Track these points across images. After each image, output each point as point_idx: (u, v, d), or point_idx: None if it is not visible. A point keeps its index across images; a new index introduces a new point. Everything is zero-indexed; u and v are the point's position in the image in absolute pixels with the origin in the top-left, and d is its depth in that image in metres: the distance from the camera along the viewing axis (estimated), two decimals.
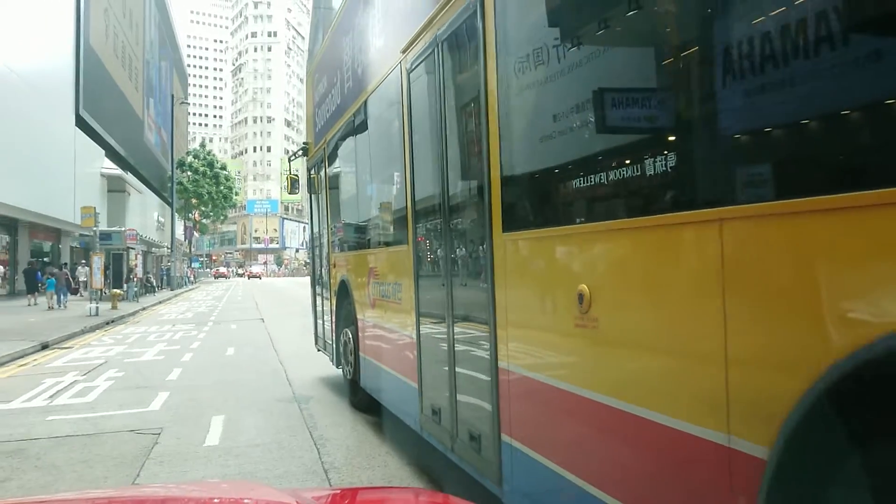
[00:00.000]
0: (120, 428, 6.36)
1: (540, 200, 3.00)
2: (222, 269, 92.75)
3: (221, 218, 71.68)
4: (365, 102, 5.86)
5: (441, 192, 3.96)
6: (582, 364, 2.60)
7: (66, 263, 34.53)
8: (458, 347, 3.78)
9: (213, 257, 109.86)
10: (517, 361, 3.06)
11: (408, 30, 4.42)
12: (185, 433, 6.09)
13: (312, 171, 8.70)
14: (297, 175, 9.81)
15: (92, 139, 33.79)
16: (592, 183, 2.50)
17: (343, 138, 6.86)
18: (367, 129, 5.98)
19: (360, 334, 6.46)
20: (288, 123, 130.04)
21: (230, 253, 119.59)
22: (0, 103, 22.04)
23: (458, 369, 3.79)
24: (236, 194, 70.39)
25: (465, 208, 3.76)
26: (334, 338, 7.68)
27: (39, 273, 25.11)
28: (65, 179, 29.28)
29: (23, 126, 24.04)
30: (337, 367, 7.65)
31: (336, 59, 7.08)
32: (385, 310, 5.47)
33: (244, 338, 14.58)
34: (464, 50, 3.62)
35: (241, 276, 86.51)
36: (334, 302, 7.58)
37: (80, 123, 31.68)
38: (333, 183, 7.71)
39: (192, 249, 70.41)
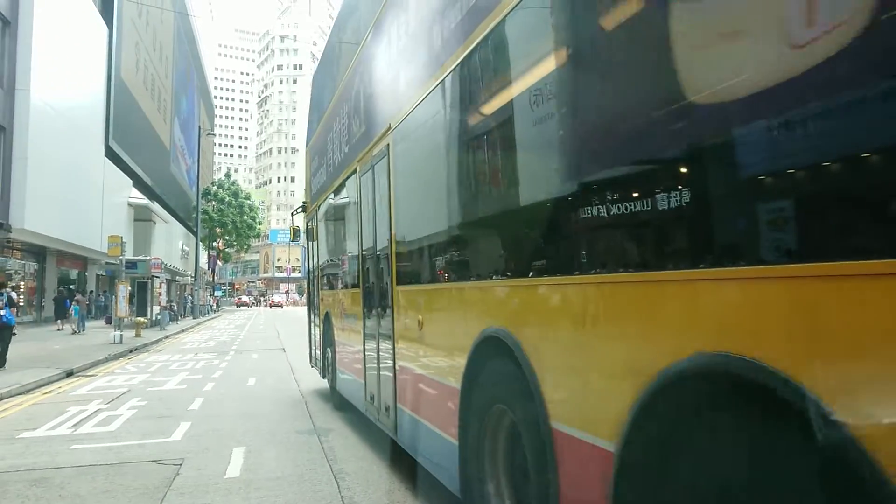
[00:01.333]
0: (142, 458, 6.41)
1: (408, 272, 5.18)
2: (245, 298, 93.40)
3: (245, 247, 72.40)
4: (339, 185, 8.10)
5: (372, 257, 6.30)
6: (420, 358, 4.73)
7: (91, 291, 35.08)
8: (382, 355, 5.85)
9: (236, 286, 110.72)
10: (401, 360, 5.20)
11: (359, 151, 6.81)
12: (206, 464, 6.12)
13: (308, 224, 10.72)
14: (297, 227, 12.69)
15: (120, 169, 34.52)
16: (425, 266, 4.82)
17: (326, 205, 9.14)
18: (339, 203, 8.28)
19: (334, 351, 8.65)
20: None
21: (253, 282, 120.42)
22: (35, 136, 22.65)
23: (381, 370, 5.93)
24: (260, 224, 71.16)
25: (384, 269, 5.79)
26: (320, 355, 10.02)
27: (68, 300, 25.57)
28: (93, 209, 29.87)
29: (55, 157, 24.66)
30: (323, 377, 9.80)
31: (324, 147, 9.48)
32: (347, 333, 7.71)
33: (265, 368, 14.64)
34: (382, 171, 5.72)
35: (262, 305, 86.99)
36: (321, 328, 9.73)
37: (110, 154, 32.40)
38: (321, 236, 9.92)
39: (216, 278, 71.08)
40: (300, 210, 11.34)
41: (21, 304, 24.97)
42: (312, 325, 10.84)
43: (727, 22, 1.95)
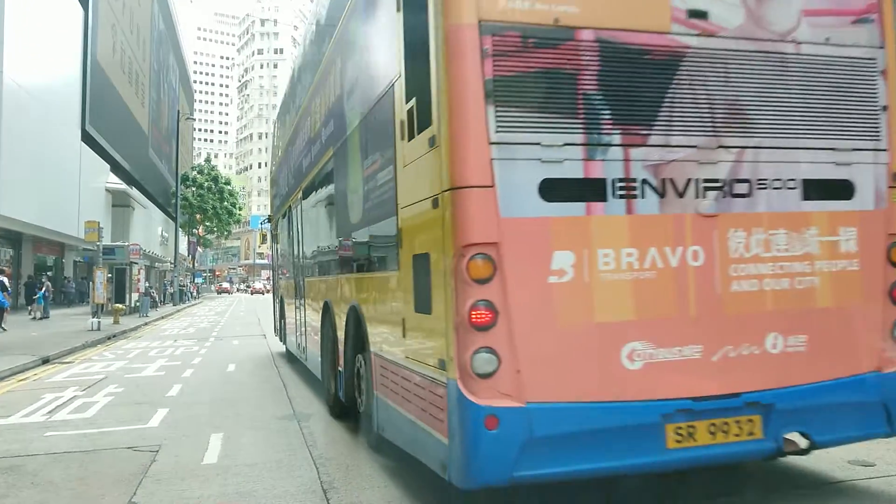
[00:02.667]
0: (118, 445, 6.32)
1: (306, 268, 9.38)
2: (225, 285, 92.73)
3: (225, 233, 71.76)
4: (284, 212, 11.86)
5: (298, 260, 10.18)
6: (314, 320, 8.52)
7: (67, 278, 34.61)
8: (302, 319, 9.77)
9: (217, 272, 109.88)
10: (311, 321, 8.96)
11: (291, 196, 10.88)
12: (183, 451, 6.04)
13: (272, 232, 14.38)
14: (266, 232, 17.80)
15: (98, 154, 33.95)
16: (316, 267, 8.68)
17: (279, 222, 13.01)
18: (284, 223, 11.99)
19: (285, 322, 12.43)
20: None
21: (233, 268, 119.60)
22: (7, 118, 22.16)
23: (302, 327, 9.78)
24: (240, 210, 70.49)
25: (301, 268, 9.81)
26: (278, 325, 13.95)
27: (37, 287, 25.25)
28: (70, 194, 29.39)
29: (29, 141, 24.18)
30: (281, 342, 13.49)
31: (278, 180, 13.48)
32: (291, 309, 11.14)
33: (245, 354, 14.53)
34: (296, 213, 10.15)
35: (244, 291, 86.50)
36: (278, 306, 13.92)
37: (86, 138, 31.85)
38: (278, 242, 13.33)
39: (196, 264, 70.44)
40: (267, 221, 15.74)
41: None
42: (275, 304, 14.56)
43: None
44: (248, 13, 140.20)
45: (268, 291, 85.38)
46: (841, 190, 4.24)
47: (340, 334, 6.60)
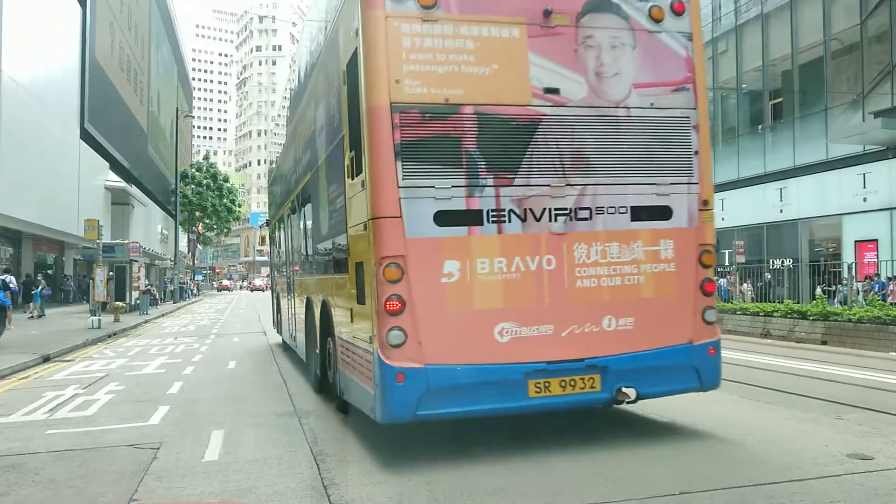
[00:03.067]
0: (119, 442, 6.33)
1: (294, 269, 11.14)
2: (225, 282, 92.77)
3: (225, 230, 71.77)
4: (278, 220, 13.76)
5: (289, 261, 11.90)
6: (300, 311, 10.32)
7: (67, 276, 34.60)
8: (291, 311, 11.57)
9: (217, 270, 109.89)
10: (298, 313, 10.60)
11: (283, 205, 12.46)
12: (184, 448, 6.05)
13: (270, 235, 16.23)
14: (265, 234, 16.40)
15: (97, 152, 33.91)
16: (300, 269, 10.37)
17: (275, 227, 14.85)
18: (279, 227, 13.74)
19: (280, 315, 14.11)
20: None
21: (233, 265, 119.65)
22: (6, 117, 22.14)
23: (291, 318, 11.50)
24: (239, 206, 70.49)
25: (292, 269, 11.36)
26: (275, 318, 15.50)
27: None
28: (69, 192, 29.37)
29: (28, 139, 24.15)
30: (278, 333, 15.07)
31: (274, 190, 15.47)
32: (284, 304, 13.05)
33: (246, 351, 14.54)
34: (287, 222, 12.01)
35: (245, 288, 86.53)
36: (274, 302, 15.61)
37: (85, 136, 31.81)
38: (275, 244, 15.06)
39: (196, 262, 70.44)
40: (266, 223, 18.17)
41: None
42: (272, 300, 16.25)
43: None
44: (245, 10, 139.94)
45: (268, 288, 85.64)
46: (661, 213, 5.81)
47: (317, 323, 8.22)
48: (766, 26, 26.68)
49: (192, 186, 58.56)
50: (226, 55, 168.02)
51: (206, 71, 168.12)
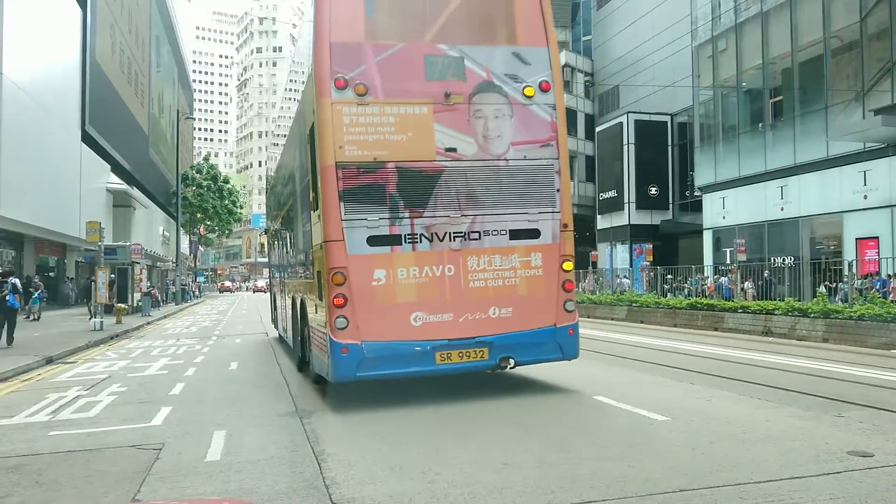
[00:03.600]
0: (122, 443, 6.35)
1: (284, 273, 13.63)
2: (227, 284, 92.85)
3: (226, 232, 71.81)
4: (274, 228, 15.77)
5: (281, 265, 14.26)
6: (287, 307, 12.81)
7: (71, 278, 34.63)
8: (281, 308, 14.08)
9: (219, 271, 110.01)
10: (284, 309, 13.30)
11: (278, 217, 14.74)
12: (186, 448, 6.08)
13: (267, 242, 18.57)
14: (263, 242, 20.86)
15: (98, 154, 33.98)
16: (288, 271, 12.77)
17: (271, 234, 17.02)
18: (274, 237, 16.23)
19: (276, 311, 15.95)
20: None
21: (235, 267, 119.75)
22: (7, 120, 22.19)
23: (283, 313, 13.70)
24: (241, 208, 70.52)
25: (283, 272, 13.90)
26: (272, 315, 17.37)
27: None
28: (71, 194, 29.43)
29: (29, 142, 24.22)
30: (275, 328, 16.98)
31: (270, 200, 18.37)
32: (279, 301, 14.90)
33: (248, 352, 14.57)
34: (278, 233, 15.10)
35: (248, 289, 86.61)
36: (271, 300, 17.86)
37: (87, 139, 31.87)
38: (271, 249, 17.33)
39: (198, 264, 70.50)
40: (264, 231, 20.60)
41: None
42: (271, 298, 18.36)
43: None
44: (246, 12, 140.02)
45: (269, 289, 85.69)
46: (532, 234, 7.99)
47: (298, 316, 10.59)
48: (765, 24, 26.68)
49: (193, 188, 58.56)
50: (226, 57, 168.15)
51: (206, 73, 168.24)
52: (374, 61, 7.76)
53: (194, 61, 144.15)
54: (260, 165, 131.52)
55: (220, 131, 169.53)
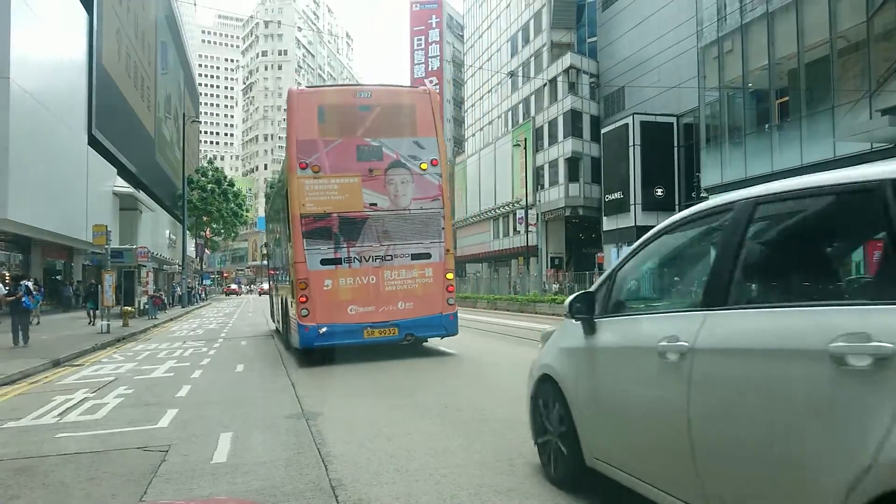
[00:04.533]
0: (128, 445, 6.36)
1: (277, 278, 18.59)
2: (233, 286, 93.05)
3: (232, 235, 72.00)
4: (270, 243, 21.27)
5: (275, 273, 19.29)
6: (277, 304, 17.76)
7: (78, 281, 34.75)
8: (275, 304, 19.13)
9: (225, 274, 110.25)
10: (276, 305, 18.46)
11: (270, 236, 22.23)
12: (192, 450, 6.07)
13: (267, 251, 21.39)
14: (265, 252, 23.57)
15: (105, 158, 34.13)
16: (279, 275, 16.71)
17: (269, 247, 21.35)
18: (271, 249, 21.12)
19: (273, 308, 20.22)
20: None
21: (241, 270, 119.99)
22: (15, 124, 22.31)
23: (275, 309, 18.63)
24: (247, 211, 70.70)
25: (275, 276, 19.11)
26: (271, 311, 21.30)
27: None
28: (78, 198, 29.55)
29: (37, 146, 24.34)
30: (273, 322, 20.61)
31: (269, 216, 23.18)
32: (274, 300, 19.51)
33: (254, 354, 14.59)
34: (272, 247, 20.64)
35: (253, 292, 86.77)
36: (269, 300, 23.18)
37: (93, 143, 32.02)
38: (269, 258, 22.10)
39: (204, 266, 70.67)
40: (265, 245, 21.47)
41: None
42: (269, 298, 23.22)
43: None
44: (251, 15, 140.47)
45: None
46: (426, 256, 12.05)
47: (283, 310, 14.81)
48: (771, 25, 26.60)
49: (198, 192, 58.73)
50: (232, 60, 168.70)
51: (212, 77, 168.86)
52: (324, 151, 11.90)
53: (200, 65, 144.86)
54: (265, 168, 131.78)
55: (226, 135, 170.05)
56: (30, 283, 17.69)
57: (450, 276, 12.24)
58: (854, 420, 2.27)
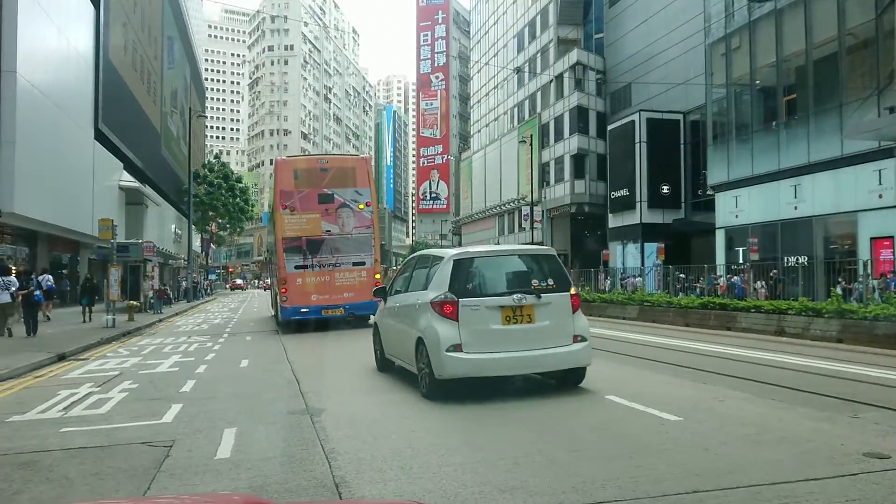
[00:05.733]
0: (132, 440, 6.37)
1: (271, 276, 27.36)
2: (238, 281, 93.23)
3: (238, 230, 72.10)
4: (268, 248, 29.20)
5: (271, 272, 24.90)
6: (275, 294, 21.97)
7: (86, 275, 34.83)
8: (272, 298, 24.13)
9: (230, 269, 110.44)
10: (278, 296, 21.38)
11: (266, 244, 42.36)
12: (196, 445, 6.08)
13: (267, 256, 28.30)
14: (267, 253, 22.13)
15: (111, 152, 34.16)
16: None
17: (267, 255, 25.06)
18: (268, 253, 27.41)
19: (271, 298, 25.84)
20: (304, 136, 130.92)
21: (246, 265, 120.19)
22: (21, 118, 22.35)
23: (272, 302, 24.43)
24: (252, 206, 70.77)
25: (271, 275, 24.82)
26: (270, 301, 26.37)
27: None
28: (84, 192, 29.61)
29: (43, 140, 24.38)
30: (271, 308, 25.40)
31: (268, 229, 30.41)
32: (271, 292, 25.90)
33: (258, 349, 14.61)
34: (268, 254, 29.00)
35: (258, 287, 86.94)
36: (270, 293, 26.94)
37: (99, 137, 32.05)
38: (268, 264, 28.82)
39: (209, 261, 70.81)
40: (267, 251, 28.89)
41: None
42: (269, 292, 26.91)
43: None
44: (257, 10, 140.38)
45: None
46: (363, 263, 18.75)
47: (274, 297, 21.23)
48: (779, 21, 26.45)
49: (204, 187, 58.80)
50: (238, 55, 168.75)
51: (218, 71, 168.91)
52: (297, 197, 18.45)
53: (206, 60, 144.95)
54: (271, 164, 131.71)
55: (232, 129, 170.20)
56: (49, 277, 22.00)
57: (378, 276, 18.70)
58: (416, 320, 8.22)
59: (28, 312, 17.25)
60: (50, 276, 23.75)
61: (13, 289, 16.54)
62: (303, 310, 18.05)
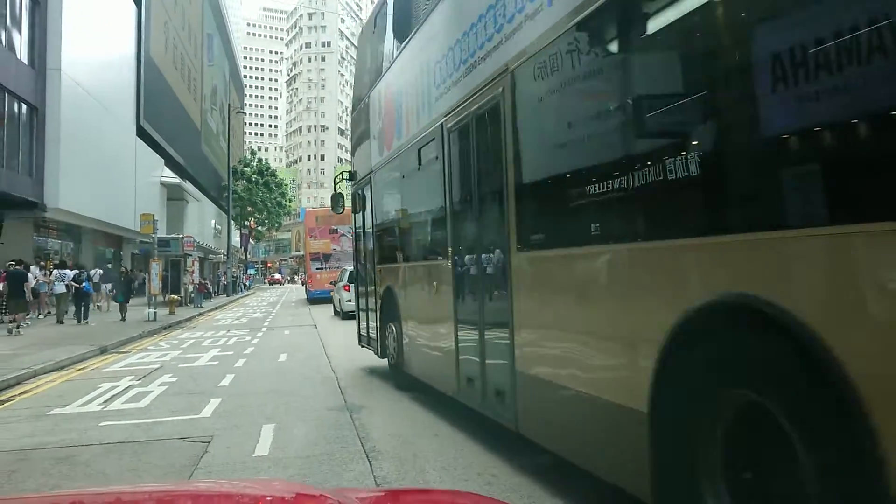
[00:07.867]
0: (171, 435, 6.28)
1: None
2: (277, 276, 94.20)
3: (276, 225, 72.75)
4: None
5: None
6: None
7: (114, 267, 35.45)
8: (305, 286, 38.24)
9: (269, 264, 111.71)
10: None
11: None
12: (234, 442, 5.96)
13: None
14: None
15: (152, 149, 34.66)
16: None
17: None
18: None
19: (306, 286, 36.71)
20: (341, 132, 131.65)
21: (284, 260, 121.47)
22: (66, 115, 22.74)
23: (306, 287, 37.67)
24: (290, 202, 71.32)
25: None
26: (305, 288, 38.01)
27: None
28: (126, 188, 30.10)
29: (87, 137, 24.79)
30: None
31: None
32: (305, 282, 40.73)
33: (296, 344, 14.56)
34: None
35: (294, 282, 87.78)
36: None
37: (141, 134, 32.53)
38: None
39: (248, 256, 71.63)
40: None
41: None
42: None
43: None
44: (295, 7, 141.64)
45: None
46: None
47: (306, 284, 36.40)
48: None
49: (243, 182, 59.42)
50: (276, 52, 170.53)
51: (257, 69, 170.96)
52: (317, 230, 30.27)
53: (245, 57, 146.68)
54: (309, 160, 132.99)
55: (271, 126, 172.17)
56: (100, 271, 25.22)
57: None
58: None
59: (79, 302, 19.43)
60: (101, 270, 26.11)
61: (67, 280, 19.38)
62: (322, 292, 28.24)
